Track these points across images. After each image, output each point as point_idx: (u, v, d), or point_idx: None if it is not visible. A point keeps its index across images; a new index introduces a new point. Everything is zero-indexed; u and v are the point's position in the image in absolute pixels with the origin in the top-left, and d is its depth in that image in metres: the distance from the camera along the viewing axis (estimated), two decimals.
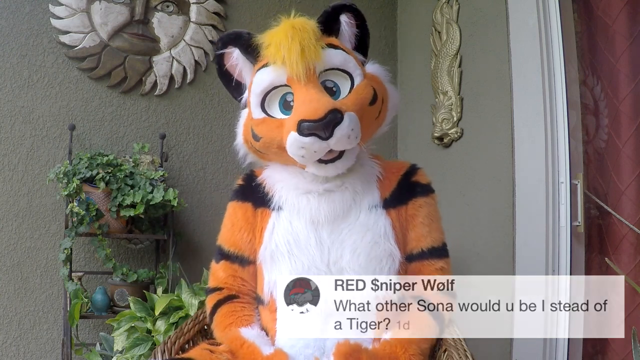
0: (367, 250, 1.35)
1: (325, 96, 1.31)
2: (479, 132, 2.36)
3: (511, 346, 2.09)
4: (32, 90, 2.41)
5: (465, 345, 1.32)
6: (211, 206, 2.63)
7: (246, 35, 1.44)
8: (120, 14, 2.52)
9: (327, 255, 1.36)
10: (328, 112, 1.25)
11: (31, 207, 2.39)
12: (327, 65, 1.36)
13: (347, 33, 1.45)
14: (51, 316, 2.40)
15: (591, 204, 2.04)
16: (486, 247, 2.26)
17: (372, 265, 1.35)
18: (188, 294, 2.02)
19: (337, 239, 1.37)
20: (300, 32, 1.32)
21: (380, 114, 1.43)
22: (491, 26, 2.30)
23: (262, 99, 1.38)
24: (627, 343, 1.78)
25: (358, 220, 1.38)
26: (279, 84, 1.36)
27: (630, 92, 1.90)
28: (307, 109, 1.26)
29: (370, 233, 1.37)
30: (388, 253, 1.37)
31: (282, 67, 1.33)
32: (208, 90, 2.68)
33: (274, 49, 1.33)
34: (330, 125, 1.25)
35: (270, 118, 1.37)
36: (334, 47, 1.38)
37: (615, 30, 1.95)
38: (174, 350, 1.33)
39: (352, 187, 1.40)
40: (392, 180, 1.46)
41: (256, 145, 1.41)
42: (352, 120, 1.29)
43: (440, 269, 1.43)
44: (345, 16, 1.44)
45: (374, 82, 1.41)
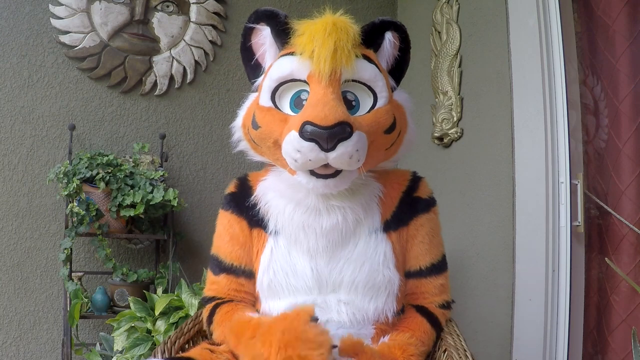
0: (365, 280, 1.30)
1: (341, 105, 1.21)
2: (479, 132, 2.36)
3: (511, 346, 2.09)
4: (32, 90, 2.42)
5: (466, 345, 1.32)
6: (211, 206, 2.63)
7: (282, 17, 1.32)
8: (120, 14, 2.52)
9: (325, 286, 1.31)
10: (338, 122, 1.15)
11: (31, 207, 2.39)
12: (355, 76, 1.26)
13: (387, 52, 1.37)
14: (51, 316, 2.40)
15: (591, 204, 2.04)
16: (486, 247, 2.26)
17: (370, 294, 1.31)
18: (188, 294, 2.02)
19: (335, 269, 1.31)
20: (340, 31, 1.22)
21: (392, 146, 1.34)
22: (491, 26, 2.30)
23: (275, 88, 1.29)
24: (627, 343, 1.78)
25: (356, 249, 1.32)
26: (298, 78, 1.26)
27: (630, 92, 1.90)
28: (317, 112, 1.17)
29: (368, 263, 1.31)
30: (387, 280, 1.32)
31: (308, 60, 1.23)
32: (208, 90, 2.68)
33: (307, 39, 1.23)
34: (336, 138, 1.16)
35: (277, 110, 1.28)
36: (369, 60, 1.29)
37: (615, 30, 1.95)
38: (174, 350, 1.33)
39: (354, 212, 1.32)
40: (394, 197, 1.39)
41: (252, 134, 1.32)
42: (361, 141, 1.20)
43: (440, 286, 1.41)
44: (391, 34, 1.36)
45: (396, 111, 1.32)
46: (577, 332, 2.01)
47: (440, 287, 1.41)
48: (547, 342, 1.98)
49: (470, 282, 2.28)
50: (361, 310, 1.31)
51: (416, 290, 1.41)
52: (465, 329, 1.48)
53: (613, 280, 1.94)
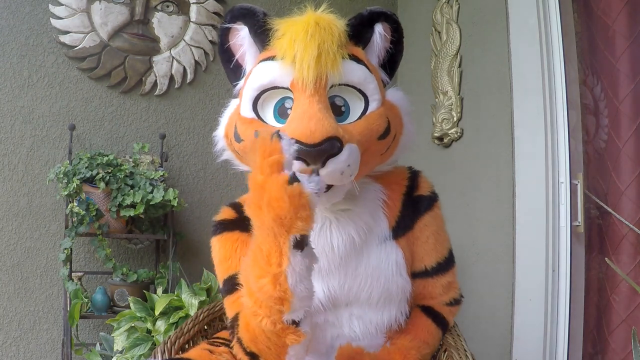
0: (379, 293, 1.24)
1: (329, 117, 1.10)
2: (478, 132, 2.36)
3: (511, 346, 2.09)
4: (32, 90, 2.41)
5: (466, 345, 1.33)
6: (211, 206, 2.63)
7: (260, 15, 1.22)
8: (120, 14, 2.52)
9: (338, 304, 1.25)
10: (326, 139, 1.06)
11: (31, 207, 2.39)
12: (343, 79, 1.16)
13: (378, 46, 1.26)
14: (51, 316, 2.40)
15: (591, 204, 2.04)
16: (486, 247, 2.26)
17: (383, 305, 1.26)
18: (188, 294, 2.02)
19: (348, 286, 1.23)
20: (323, 31, 1.12)
21: (387, 151, 1.25)
22: (491, 26, 2.30)
23: (257, 97, 1.20)
24: (627, 343, 1.78)
25: (369, 262, 1.24)
26: (281, 85, 1.17)
27: (630, 92, 1.90)
28: (303, 128, 1.06)
29: (382, 275, 1.24)
30: (401, 289, 1.26)
31: (290, 65, 1.13)
32: (208, 90, 2.68)
33: (287, 42, 1.13)
34: (323, 155, 1.06)
35: (259, 121, 1.19)
36: (357, 61, 1.19)
37: (615, 30, 1.95)
38: (174, 350, 1.33)
39: (363, 221, 1.24)
40: (396, 200, 1.32)
41: (236, 146, 1.25)
42: (352, 155, 1.11)
43: (447, 284, 1.36)
44: (382, 26, 1.25)
45: (390, 113, 1.23)
46: (577, 332, 2.01)
47: (447, 285, 1.35)
48: (547, 342, 1.98)
49: (470, 282, 2.28)
50: (374, 323, 1.27)
51: (423, 291, 1.35)
52: (465, 329, 1.48)
53: (613, 280, 1.94)
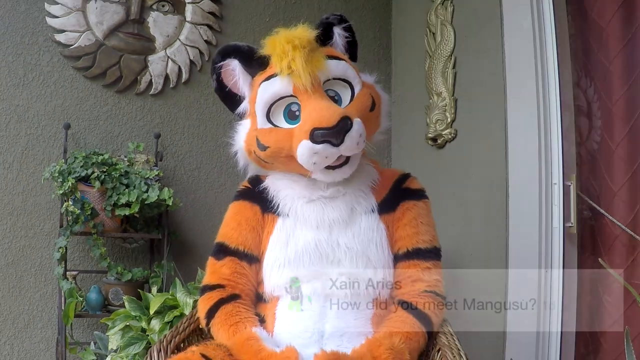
0: (365, 252, 1.41)
1: (334, 104, 1.38)
2: (472, 133, 2.37)
3: (504, 346, 2.10)
4: (27, 89, 2.41)
5: (459, 344, 1.33)
6: (206, 205, 2.64)
7: (245, 48, 1.49)
8: (115, 13, 2.52)
9: (326, 258, 1.41)
10: (340, 119, 1.31)
11: (26, 205, 2.39)
12: (330, 75, 1.41)
13: (339, 44, 1.52)
14: (46, 315, 2.40)
15: (584, 205, 2.05)
16: (479, 248, 2.27)
17: (369, 266, 1.41)
18: (183, 293, 2.02)
19: (337, 241, 1.42)
20: (302, 42, 1.37)
21: (377, 118, 1.50)
22: (485, 28, 2.31)
23: (268, 110, 1.43)
24: (620, 343, 1.80)
25: (357, 224, 1.44)
26: (285, 95, 1.40)
27: (623, 94, 1.92)
28: (320, 117, 1.32)
29: (367, 237, 1.43)
30: (386, 254, 1.44)
31: (287, 77, 1.38)
32: (203, 90, 2.68)
33: (278, 60, 1.38)
34: (342, 132, 1.32)
35: (277, 128, 1.42)
36: (334, 58, 1.45)
37: (608, 32, 1.96)
38: (169, 350, 1.33)
39: (353, 192, 1.46)
40: (386, 186, 1.52)
41: (261, 155, 1.45)
42: (360, 127, 1.36)
43: (426, 269, 1.44)
44: (338, 27, 1.52)
45: (370, 89, 1.49)
46: (569, 332, 2.02)
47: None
48: (540, 342, 1.99)
49: (464, 282, 2.29)
50: (361, 282, 1.39)
51: (403, 275, 1.44)
52: (458, 329, 1.49)
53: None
